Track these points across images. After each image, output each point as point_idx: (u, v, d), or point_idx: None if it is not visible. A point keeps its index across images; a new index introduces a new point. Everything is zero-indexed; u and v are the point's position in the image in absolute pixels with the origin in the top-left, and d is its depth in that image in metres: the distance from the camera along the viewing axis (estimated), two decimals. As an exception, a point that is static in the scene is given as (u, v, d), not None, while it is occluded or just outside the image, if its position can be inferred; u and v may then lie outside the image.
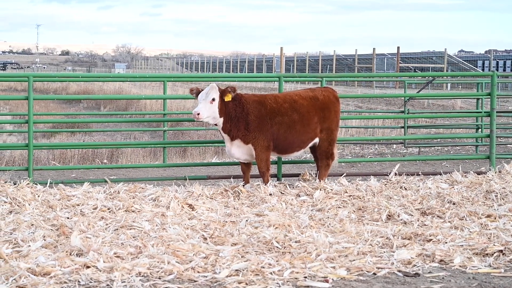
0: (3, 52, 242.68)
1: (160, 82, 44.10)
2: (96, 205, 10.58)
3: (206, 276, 7.46)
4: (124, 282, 7.24)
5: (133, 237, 8.86)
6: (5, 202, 10.73)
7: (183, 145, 22.66)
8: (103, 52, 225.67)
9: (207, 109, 11.66)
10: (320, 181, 12.33)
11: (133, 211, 10.42)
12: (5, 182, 11.84)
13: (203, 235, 9.04)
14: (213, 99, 11.68)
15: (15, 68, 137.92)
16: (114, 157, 22.07)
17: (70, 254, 8.01)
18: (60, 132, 29.68)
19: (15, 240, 8.58)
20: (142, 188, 11.91)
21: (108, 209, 10.47)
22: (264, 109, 12.02)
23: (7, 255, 7.78)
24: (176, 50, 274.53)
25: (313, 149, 12.72)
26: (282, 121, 12.08)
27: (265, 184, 12.09)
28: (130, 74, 21.90)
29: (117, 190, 11.73)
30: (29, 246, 8.22)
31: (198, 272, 7.59)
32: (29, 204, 10.59)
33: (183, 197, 11.22)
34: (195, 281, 7.37)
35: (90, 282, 7.24)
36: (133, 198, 11.27)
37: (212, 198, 11.43)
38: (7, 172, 13.05)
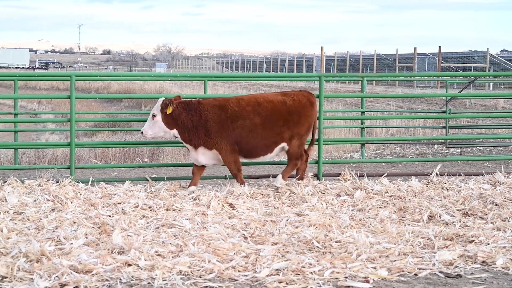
0: (46, 51, 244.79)
1: (200, 81, 44.35)
2: (137, 204, 10.64)
3: (247, 275, 7.47)
4: (165, 280, 7.27)
5: (174, 236, 8.90)
6: (48, 200, 10.82)
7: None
8: (144, 52, 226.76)
9: (151, 126, 11.93)
10: (282, 177, 12.31)
11: (174, 210, 10.46)
12: (48, 180, 11.96)
13: (243, 234, 9.06)
14: (154, 115, 11.86)
15: (57, 68, 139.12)
16: (155, 156, 22.17)
17: (112, 252, 8.07)
18: (101, 131, 29.89)
19: (57, 237, 8.66)
20: (183, 187, 11.97)
21: (149, 207, 10.53)
22: (224, 113, 11.92)
23: (49, 253, 7.84)
24: (216, 50, 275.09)
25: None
26: (243, 124, 11.97)
27: (240, 185, 12.02)
28: (171, 73, 21.91)
29: (158, 189, 11.81)
30: (71, 243, 8.28)
31: (238, 271, 7.60)
32: (71, 202, 10.67)
33: (224, 196, 11.25)
34: (235, 280, 7.38)
35: (132, 280, 7.28)
36: (174, 196, 11.33)
37: (253, 197, 11.44)
38: (50, 171, 13.14)
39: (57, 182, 11.99)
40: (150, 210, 10.41)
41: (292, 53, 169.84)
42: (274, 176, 12.94)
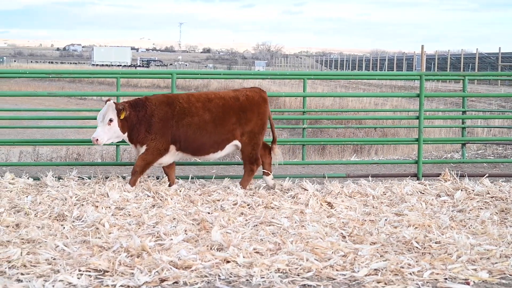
0: (147, 49, 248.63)
1: (299, 79, 44.32)
2: (236, 201, 10.70)
3: (345, 275, 7.44)
4: (263, 278, 7.30)
5: (272, 234, 8.93)
6: (148, 196, 10.99)
7: (322, 143, 22.67)
8: (243, 50, 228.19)
9: (106, 132, 11.25)
10: (241, 187, 11.77)
11: (272, 208, 10.49)
12: (148, 177, 12.15)
13: (341, 233, 9.03)
14: (111, 120, 11.23)
15: (158, 66, 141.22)
16: (253, 153, 22.24)
17: (211, 248, 8.14)
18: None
19: (157, 233, 8.78)
20: (281, 185, 11.98)
21: (248, 205, 10.58)
22: (171, 110, 11.46)
23: (150, 248, 7.96)
24: (315, 48, 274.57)
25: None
26: (191, 121, 11.48)
27: (130, 184, 11.39)
28: (270, 71, 22.03)
29: (256, 187, 11.86)
30: (171, 239, 8.39)
31: (336, 270, 7.57)
32: (171, 199, 10.81)
33: (322, 195, 11.23)
34: (333, 279, 7.36)
35: (230, 276, 7.33)
36: (273, 194, 11.36)
37: (351, 197, 11.39)
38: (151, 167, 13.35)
39: (157, 178, 12.17)
40: (249, 208, 10.47)
41: (392, 51, 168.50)
42: (375, 176, 12.86)
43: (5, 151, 21.13)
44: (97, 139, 11.14)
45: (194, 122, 11.52)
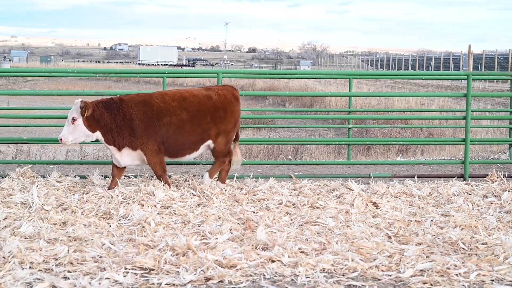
0: (193, 49, 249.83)
1: (345, 79, 44.18)
2: (281, 201, 10.71)
3: (390, 275, 7.40)
4: (308, 277, 7.29)
5: (317, 233, 8.91)
6: (194, 195, 11.02)
7: (367, 143, 22.58)
8: (289, 50, 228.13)
9: (71, 131, 10.98)
10: (208, 175, 11.62)
11: (317, 208, 10.47)
12: (194, 176, 12.19)
13: (387, 233, 8.99)
14: (74, 119, 10.95)
15: (204, 65, 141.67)
16: (298, 153, 22.26)
17: (256, 248, 8.15)
18: (246, 127, 30.20)
19: (203, 232, 8.81)
20: (327, 185, 11.96)
21: (293, 204, 10.58)
22: (150, 110, 11.18)
23: (195, 247, 7.99)
24: (361, 48, 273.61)
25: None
26: (170, 121, 11.23)
27: (168, 186, 11.28)
28: (316, 71, 22.00)
29: (301, 186, 11.85)
30: (217, 238, 8.41)
31: (382, 270, 7.54)
32: (216, 198, 10.84)
33: (368, 195, 11.19)
34: (378, 279, 7.33)
35: (275, 276, 7.33)
36: (318, 194, 11.34)
37: (397, 197, 11.34)
38: (196, 166, 13.41)
39: (202, 177, 12.22)
40: (294, 207, 10.46)
41: (439, 51, 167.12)
42: (421, 176, 12.78)
43: (52, 150, 21.34)
44: (61, 139, 10.95)
45: (173, 122, 11.27)
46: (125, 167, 11.59)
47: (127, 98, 11.31)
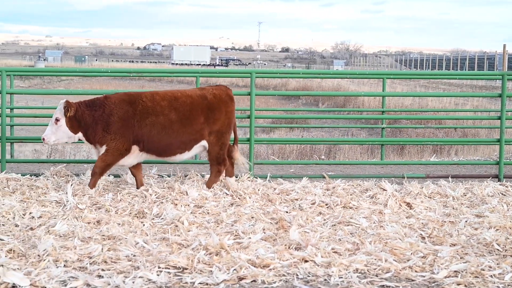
0: (226, 49, 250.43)
1: (378, 79, 44.00)
2: (314, 200, 10.69)
3: (424, 276, 7.36)
4: (341, 277, 7.27)
5: (351, 234, 8.89)
6: (227, 194, 11.04)
7: (401, 143, 22.48)
8: (322, 49, 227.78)
9: (54, 132, 10.95)
10: (207, 188, 11.34)
11: (350, 208, 10.45)
12: (231, 177, 12.19)
13: (421, 234, 8.94)
14: (57, 119, 10.93)
15: (237, 65, 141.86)
16: (331, 153, 22.21)
17: (289, 247, 8.14)
18: (279, 127, 30.21)
19: (236, 231, 8.83)
20: (360, 185, 11.93)
21: (326, 204, 10.56)
22: (132, 109, 10.98)
23: (228, 246, 8.00)
24: (395, 47, 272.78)
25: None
26: (156, 121, 11.00)
27: (89, 187, 11.01)
28: (350, 71, 21.97)
29: (335, 186, 11.82)
30: (250, 238, 8.41)
31: (415, 271, 7.50)
32: (249, 197, 10.85)
33: (401, 195, 11.14)
34: (412, 280, 7.29)
35: (308, 276, 7.32)
36: (351, 194, 11.31)
37: (431, 197, 11.28)
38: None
39: (235, 177, 12.23)
40: (327, 207, 10.44)
41: (473, 50, 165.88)
42: (455, 177, 12.71)
43: (86, 149, 21.45)
44: (43, 138, 10.97)
45: (159, 122, 11.05)
46: (140, 164, 11.47)
47: (113, 96, 11.21)
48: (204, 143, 11.40)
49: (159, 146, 11.14)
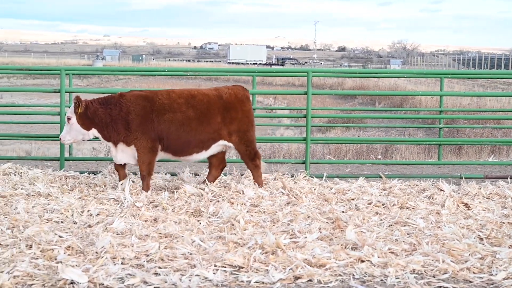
0: (282, 48, 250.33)
1: (436, 78, 43.65)
2: (370, 200, 10.65)
3: (482, 278, 7.29)
4: (398, 278, 7.23)
5: (407, 234, 8.83)
6: (283, 193, 11.05)
7: (459, 143, 22.26)
8: (378, 48, 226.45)
9: (68, 131, 10.99)
10: (259, 186, 11.25)
11: (407, 208, 10.38)
12: (283, 175, 12.21)
13: (479, 235, 8.85)
14: (68, 118, 10.94)
15: (293, 64, 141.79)
16: (388, 153, 22.11)
17: (345, 247, 8.12)
18: (335, 126, 30.12)
19: (292, 231, 8.83)
20: (417, 185, 11.85)
21: (383, 204, 10.51)
22: (150, 105, 10.92)
23: (284, 245, 8.00)
24: (453, 46, 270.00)
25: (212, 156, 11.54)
26: (173, 118, 10.93)
27: (145, 191, 10.99)
28: (407, 70, 21.81)
29: (391, 186, 11.75)
30: (306, 237, 8.41)
31: (473, 272, 7.43)
32: (305, 197, 10.84)
33: (459, 196, 11.03)
34: (470, 281, 7.22)
35: (364, 276, 7.29)
36: (408, 194, 11.24)
37: (489, 198, 11.15)
38: (285, 165, 13.43)
39: (292, 176, 12.23)
40: (384, 207, 10.39)
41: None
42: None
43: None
44: (60, 138, 11.12)
45: (177, 118, 10.99)
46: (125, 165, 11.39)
47: (128, 93, 11.17)
48: (223, 142, 11.34)
49: (178, 144, 11.08)
